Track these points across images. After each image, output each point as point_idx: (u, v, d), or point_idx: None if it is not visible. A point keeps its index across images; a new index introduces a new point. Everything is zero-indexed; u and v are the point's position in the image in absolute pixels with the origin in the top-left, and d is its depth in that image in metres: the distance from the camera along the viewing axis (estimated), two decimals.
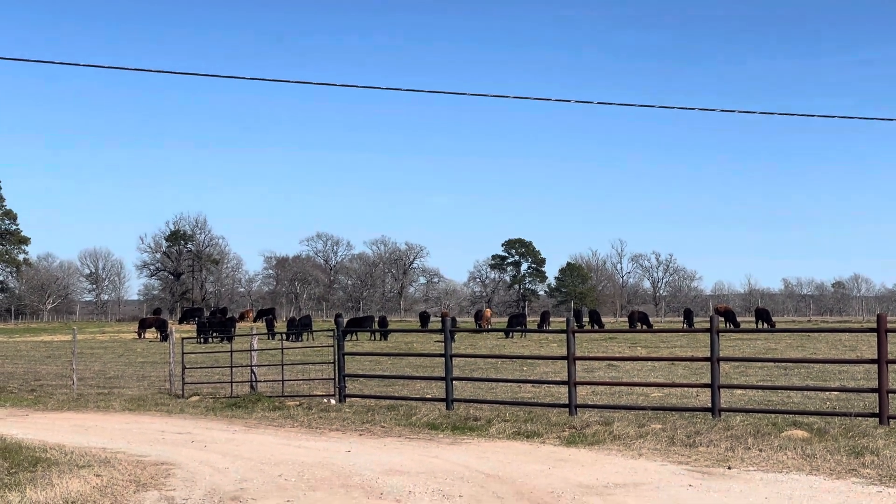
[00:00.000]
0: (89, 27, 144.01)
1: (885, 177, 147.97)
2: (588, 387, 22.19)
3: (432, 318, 63.06)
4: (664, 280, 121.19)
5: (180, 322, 75.26)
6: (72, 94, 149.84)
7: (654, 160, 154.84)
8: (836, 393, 20.12)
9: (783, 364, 26.90)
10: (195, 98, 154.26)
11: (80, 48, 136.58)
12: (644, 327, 57.28)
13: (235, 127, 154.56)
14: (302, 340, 48.44)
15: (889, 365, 15.73)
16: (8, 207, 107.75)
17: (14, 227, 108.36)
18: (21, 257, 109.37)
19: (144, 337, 58.32)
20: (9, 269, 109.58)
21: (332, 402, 21.37)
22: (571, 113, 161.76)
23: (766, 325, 54.81)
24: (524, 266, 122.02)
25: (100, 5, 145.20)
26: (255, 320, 72.48)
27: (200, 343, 46.23)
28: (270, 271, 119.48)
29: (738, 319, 60.02)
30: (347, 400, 21.44)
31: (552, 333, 43.54)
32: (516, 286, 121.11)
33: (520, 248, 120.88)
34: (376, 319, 59.64)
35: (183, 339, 28.49)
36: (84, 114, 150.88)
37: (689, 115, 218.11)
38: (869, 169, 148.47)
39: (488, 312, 61.70)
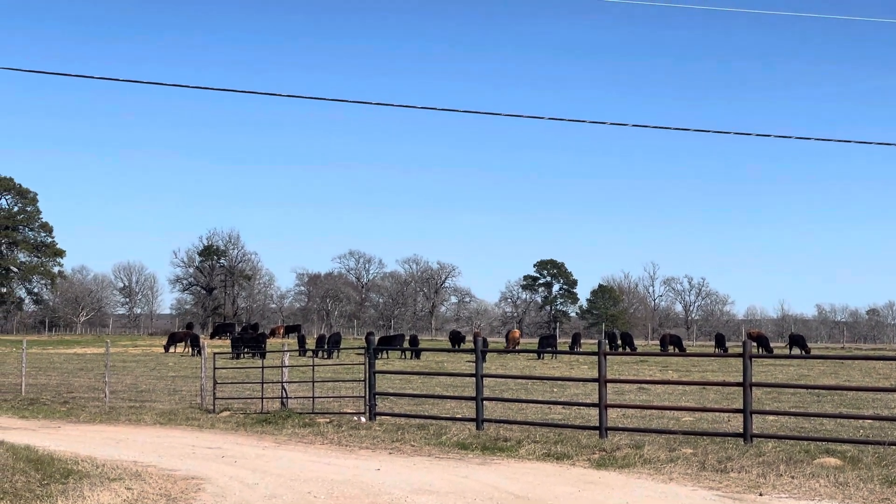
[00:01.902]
0: (126, 42, 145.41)
1: None
2: (618, 409, 22.09)
3: (467, 339, 62.92)
4: (696, 304, 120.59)
5: (212, 337, 75.56)
6: (108, 108, 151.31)
7: (688, 183, 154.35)
8: (869, 421, 19.94)
9: (816, 391, 26.68)
10: (230, 113, 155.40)
11: (116, 62, 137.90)
12: (677, 350, 56.98)
13: (270, 143, 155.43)
14: (332, 357, 48.49)
15: None
16: (44, 220, 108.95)
17: (49, 239, 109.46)
18: (56, 270, 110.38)
19: (174, 351, 58.51)
20: (44, 282, 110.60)
21: (363, 419, 21.38)
22: (604, 134, 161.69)
23: (801, 352, 54.38)
24: (556, 287, 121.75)
25: (135, 20, 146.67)
26: (284, 336, 72.71)
27: (235, 359, 46.27)
28: (302, 288, 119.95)
29: (771, 345, 59.58)
30: (378, 418, 21.44)
31: (583, 355, 43.41)
32: (547, 307, 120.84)
33: (552, 269, 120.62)
34: (407, 338, 59.61)
35: (215, 354, 28.58)
36: (119, 128, 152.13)
37: (723, 138, 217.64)
38: None
39: (516, 333, 61.46)
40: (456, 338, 60.86)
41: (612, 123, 21.75)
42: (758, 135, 24.46)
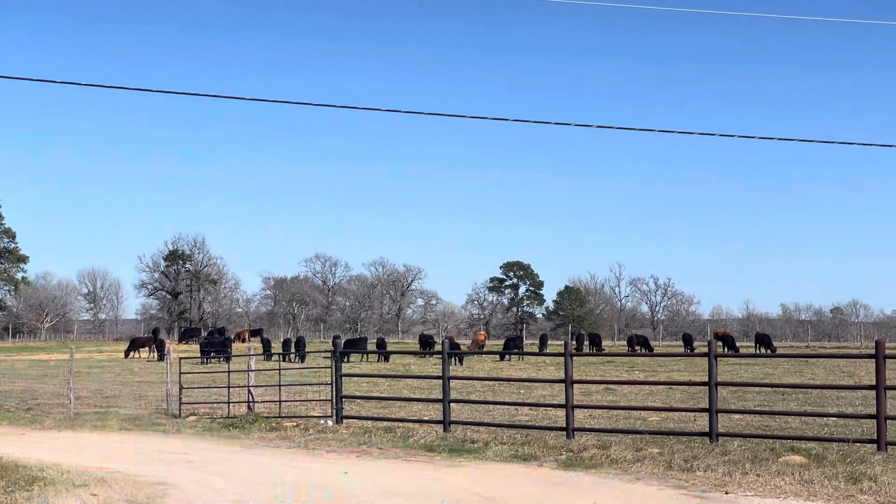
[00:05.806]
0: (89, 45, 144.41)
1: (884, 202, 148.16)
2: (586, 410, 22.17)
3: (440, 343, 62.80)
4: (662, 304, 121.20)
5: (179, 342, 75.14)
6: (72, 112, 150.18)
7: (654, 184, 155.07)
8: (834, 419, 20.10)
9: (781, 389, 26.87)
10: (194, 117, 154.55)
11: (79, 66, 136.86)
12: (644, 351, 57.25)
13: (235, 146, 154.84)
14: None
15: (887, 391, 15.73)
16: (7, 225, 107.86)
17: (13, 245, 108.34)
18: (19, 276, 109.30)
19: (137, 356, 58.09)
20: (7, 288, 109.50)
21: (329, 423, 21.33)
22: (571, 135, 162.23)
23: (767, 350, 54.75)
24: (522, 289, 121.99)
25: (98, 22, 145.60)
26: (249, 340, 72.45)
27: (204, 363, 45.92)
28: (268, 292, 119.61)
29: (737, 344, 59.98)
30: (344, 421, 21.41)
31: (550, 356, 43.46)
32: (514, 309, 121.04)
33: (518, 270, 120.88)
34: (373, 341, 59.49)
35: (180, 358, 28.41)
36: (83, 132, 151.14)
37: (689, 138, 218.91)
38: (867, 194, 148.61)
39: (481, 335, 61.43)
40: (428, 342, 60.75)
41: (577, 125, 21.90)
42: (721, 135, 24.66)
